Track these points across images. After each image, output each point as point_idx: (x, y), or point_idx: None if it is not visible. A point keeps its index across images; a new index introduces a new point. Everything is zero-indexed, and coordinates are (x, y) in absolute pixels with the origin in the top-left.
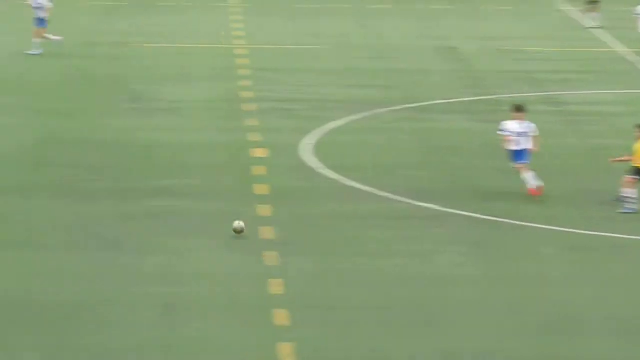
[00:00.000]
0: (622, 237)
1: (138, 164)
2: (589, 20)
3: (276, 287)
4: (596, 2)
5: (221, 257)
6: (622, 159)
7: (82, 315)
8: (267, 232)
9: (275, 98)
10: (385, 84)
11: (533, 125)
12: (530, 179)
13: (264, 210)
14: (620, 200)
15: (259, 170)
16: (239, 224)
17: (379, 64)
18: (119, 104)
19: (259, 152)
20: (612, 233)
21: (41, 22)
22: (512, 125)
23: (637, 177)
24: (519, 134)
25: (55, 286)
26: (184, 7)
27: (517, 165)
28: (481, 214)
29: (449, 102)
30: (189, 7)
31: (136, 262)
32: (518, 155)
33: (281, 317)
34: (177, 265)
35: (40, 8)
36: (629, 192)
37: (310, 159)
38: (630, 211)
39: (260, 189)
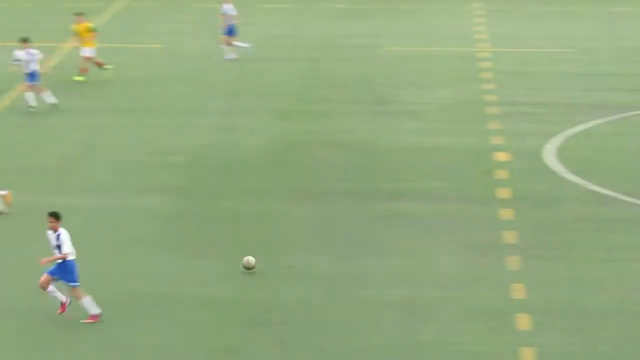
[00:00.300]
0: None
1: (381, 166)
2: None
3: (518, 291)
4: None
5: (463, 260)
6: None
7: (320, 315)
8: (509, 236)
9: (518, 101)
10: (631, 87)
11: None
12: None
13: (507, 214)
14: None
15: (501, 174)
16: (248, 260)
17: (624, 67)
18: (362, 106)
19: (502, 156)
20: None
21: (229, 30)
22: None
23: None
24: None
25: (296, 287)
26: (426, 10)
27: None
28: None
29: None
30: (431, 10)
31: (377, 264)
32: None
33: (524, 321)
34: (418, 267)
35: (226, 15)
36: None
37: (554, 163)
38: None
39: (503, 193)
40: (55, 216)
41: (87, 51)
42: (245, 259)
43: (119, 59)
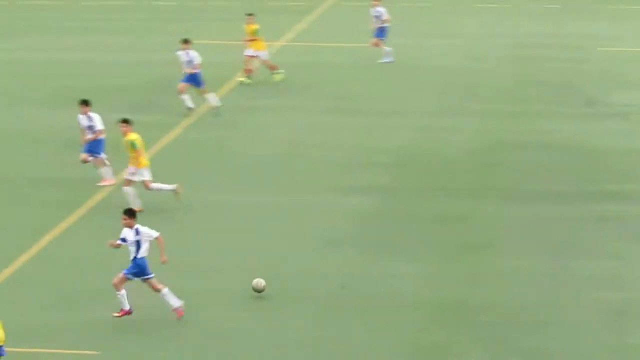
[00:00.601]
0: None
1: (589, 168)
2: None
3: None
4: None
5: None
6: None
7: (528, 317)
8: None
9: None
10: None
11: None
12: None
13: None
14: None
15: None
16: (259, 283)
17: None
18: (572, 108)
19: None
20: None
21: (380, 32)
22: None
23: None
24: None
25: (503, 288)
26: (635, 10)
27: None
28: None
29: None
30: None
31: (585, 266)
32: None
33: None
34: (627, 270)
35: (379, 17)
36: None
37: None
38: None
39: None
40: (128, 214)
41: (250, 52)
42: (256, 282)
43: (327, 58)
